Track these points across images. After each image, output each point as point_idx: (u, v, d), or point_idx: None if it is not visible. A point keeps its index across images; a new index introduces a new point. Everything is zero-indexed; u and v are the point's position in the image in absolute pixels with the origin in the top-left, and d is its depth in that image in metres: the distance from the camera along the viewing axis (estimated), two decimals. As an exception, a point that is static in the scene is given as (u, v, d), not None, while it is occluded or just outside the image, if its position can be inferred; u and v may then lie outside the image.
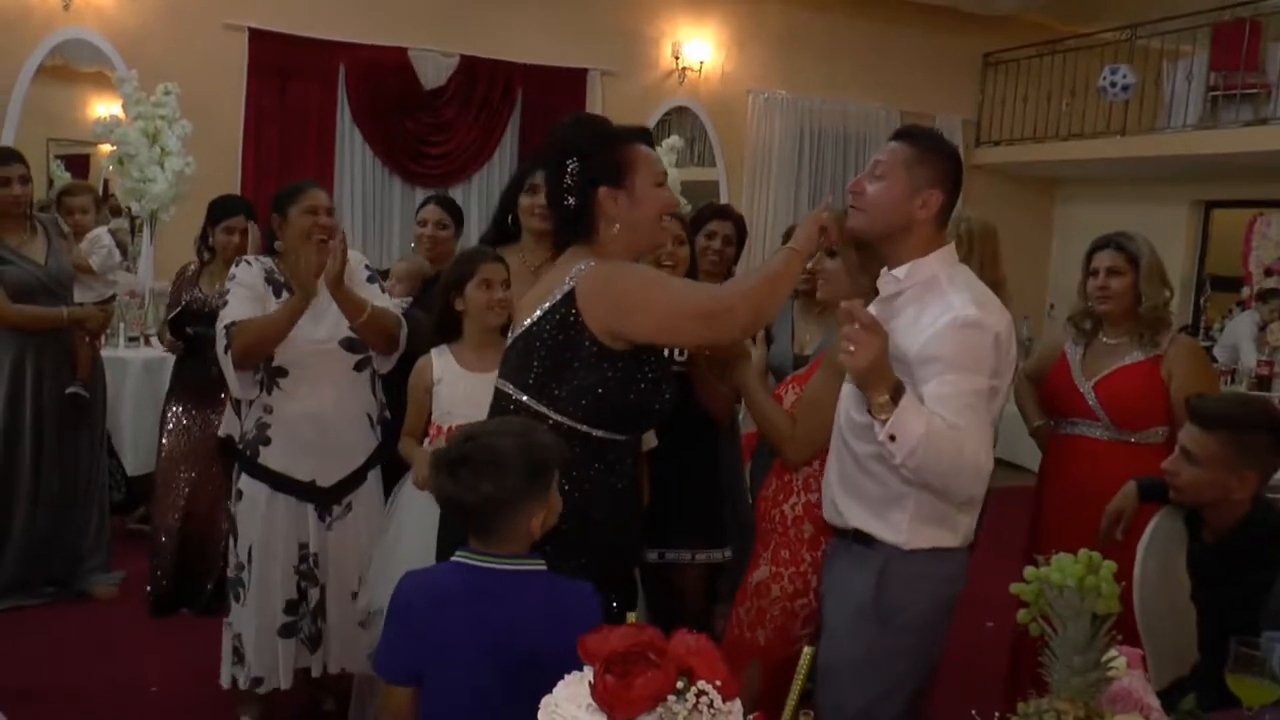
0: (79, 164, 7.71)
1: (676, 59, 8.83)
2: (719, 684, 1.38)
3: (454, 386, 3.02)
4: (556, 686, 1.47)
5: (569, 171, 2.30)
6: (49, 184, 6.91)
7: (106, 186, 7.29)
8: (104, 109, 6.90)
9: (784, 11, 9.09)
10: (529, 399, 2.28)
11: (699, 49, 8.87)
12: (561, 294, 2.26)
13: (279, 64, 7.58)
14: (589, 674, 1.42)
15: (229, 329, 3.08)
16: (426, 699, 2.01)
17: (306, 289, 3.04)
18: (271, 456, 3.18)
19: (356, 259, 3.29)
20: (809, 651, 1.52)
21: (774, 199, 9.05)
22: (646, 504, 2.81)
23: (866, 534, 2.27)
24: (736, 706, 1.40)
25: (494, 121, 8.27)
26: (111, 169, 6.65)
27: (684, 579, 3.25)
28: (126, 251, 5.40)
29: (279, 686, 3.24)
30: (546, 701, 1.45)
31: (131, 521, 5.47)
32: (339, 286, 3.07)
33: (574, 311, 2.24)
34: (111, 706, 3.70)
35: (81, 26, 7.09)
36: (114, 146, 6.36)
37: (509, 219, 3.50)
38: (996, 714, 1.71)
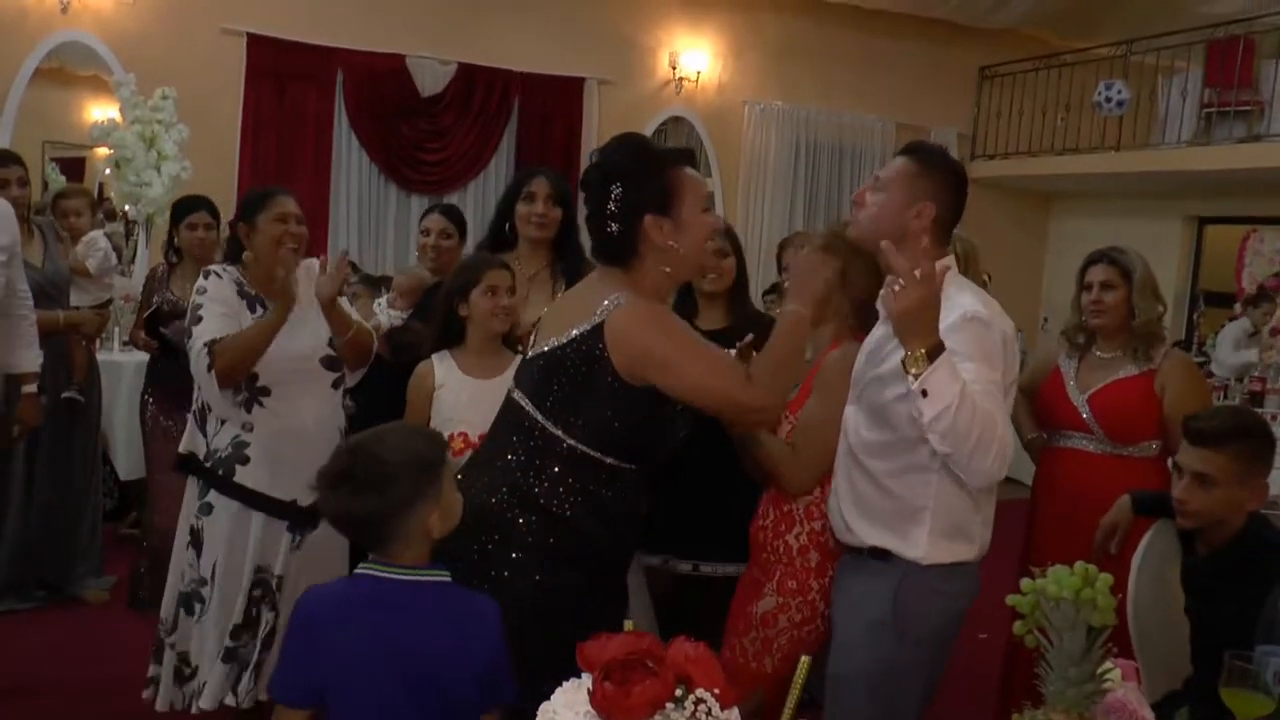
0: (75, 167, 7.70)
1: (673, 69, 8.86)
2: (717, 692, 1.38)
3: (456, 393, 3.01)
4: (554, 694, 1.47)
5: (613, 197, 2.23)
6: (44, 187, 6.90)
7: (102, 190, 7.28)
8: (101, 113, 6.88)
9: (781, 23, 9.12)
10: (544, 420, 2.25)
11: (696, 59, 8.90)
12: (590, 326, 2.20)
13: (276, 69, 7.59)
14: (587, 681, 1.42)
15: (210, 347, 2.98)
16: (332, 717, 1.93)
17: (287, 302, 2.98)
18: (249, 475, 3.08)
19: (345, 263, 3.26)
20: (805, 661, 1.52)
21: (769, 210, 9.07)
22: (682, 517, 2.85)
23: (884, 550, 2.27)
24: (734, 715, 1.40)
25: (491, 129, 8.28)
26: (108, 173, 6.65)
27: (720, 592, 3.21)
28: (122, 255, 5.41)
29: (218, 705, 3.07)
30: (545, 708, 1.45)
31: (123, 527, 5.46)
32: (333, 305, 3.06)
33: (600, 345, 2.19)
34: (102, 712, 3.68)
35: (79, 30, 7.08)
36: (110, 150, 6.37)
37: (505, 227, 3.51)
38: (991, 724, 1.71)
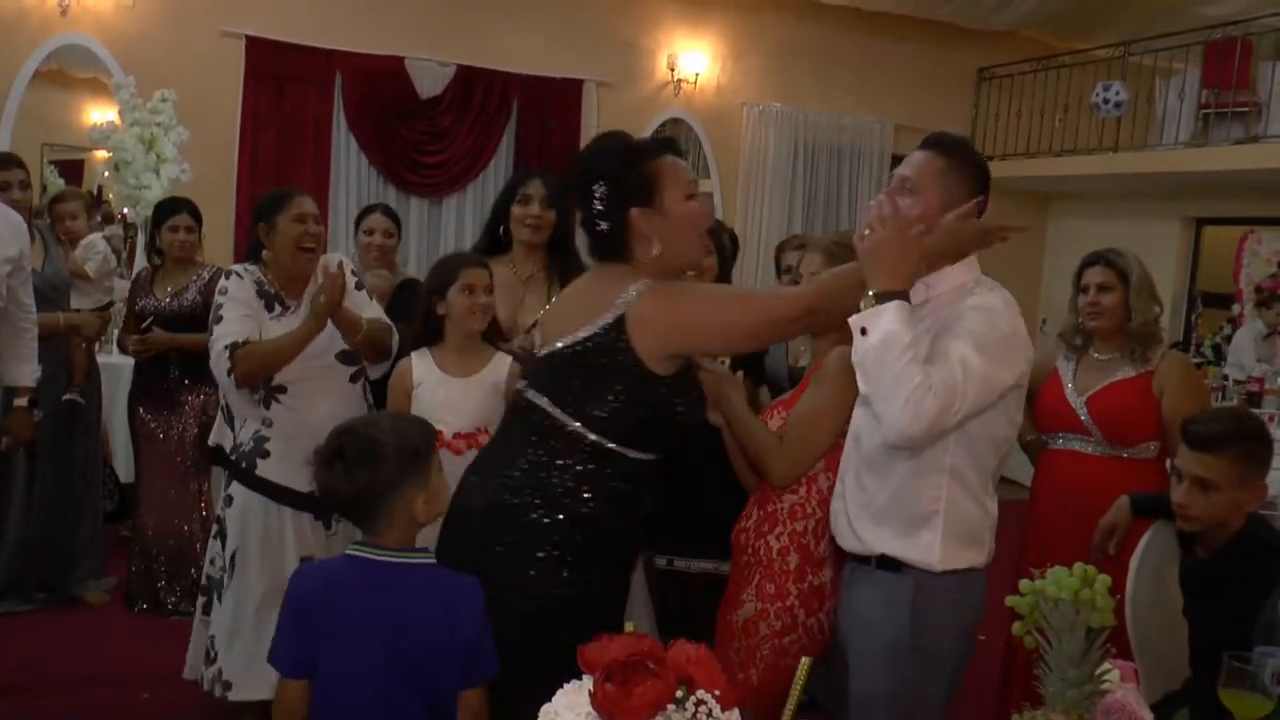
0: (73, 170, 7.71)
1: (672, 70, 8.86)
2: (718, 693, 1.39)
3: (434, 391, 3.03)
4: (555, 695, 1.47)
5: (597, 196, 2.26)
6: (43, 190, 6.91)
7: (101, 193, 7.29)
8: (100, 115, 6.90)
9: (779, 24, 9.12)
10: (565, 417, 2.24)
11: (695, 61, 8.90)
12: (611, 319, 2.21)
13: (275, 71, 7.59)
14: (588, 682, 1.42)
15: (231, 351, 3.03)
16: (318, 692, 2.03)
17: (322, 317, 3.04)
18: (270, 469, 3.17)
19: (346, 266, 3.26)
20: (806, 662, 1.52)
21: (769, 211, 9.06)
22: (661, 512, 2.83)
23: (893, 559, 2.21)
24: (735, 716, 1.41)
25: (490, 131, 8.27)
26: (107, 175, 6.65)
27: (699, 589, 3.23)
28: (121, 258, 5.41)
29: (259, 698, 3.05)
30: (546, 710, 1.45)
31: (123, 529, 5.46)
32: (339, 310, 3.09)
33: (623, 338, 2.19)
34: (103, 713, 3.69)
35: (78, 32, 7.08)
36: (110, 153, 6.37)
37: (500, 229, 3.51)
38: (990, 726, 1.72)
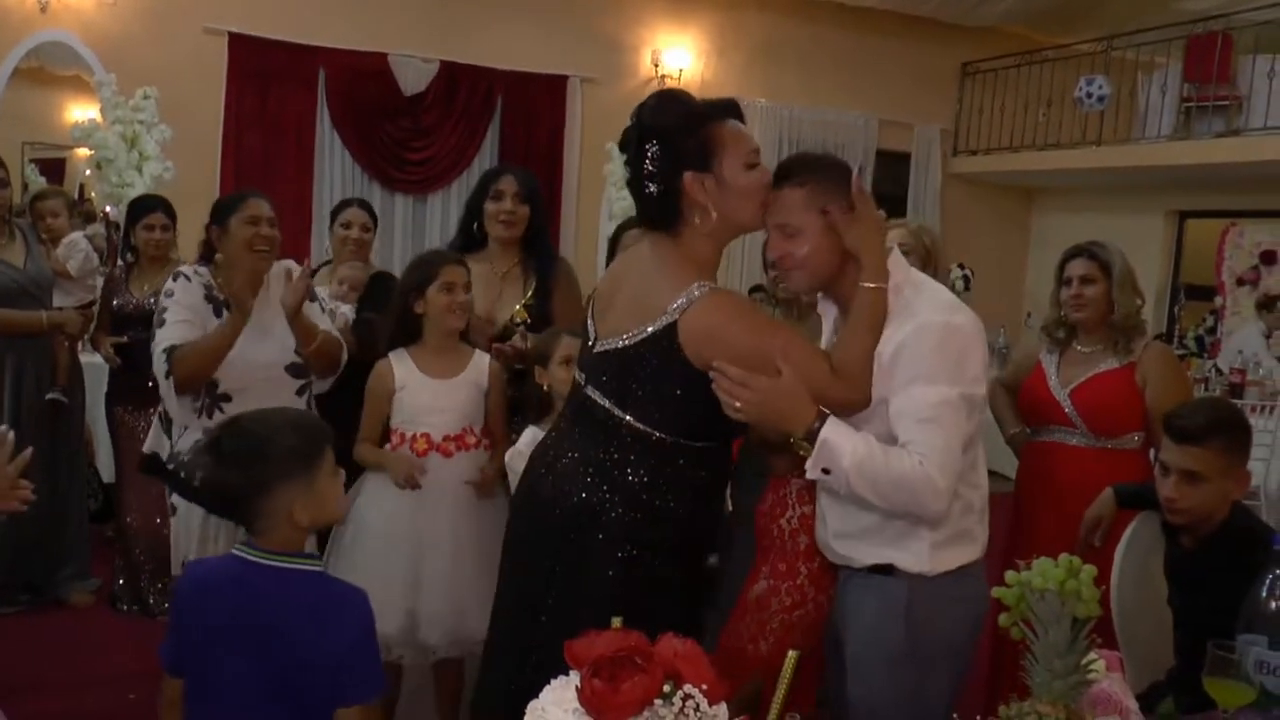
0: (55, 168, 7.65)
1: (656, 67, 8.86)
2: (705, 687, 1.39)
3: (417, 393, 3.01)
4: (543, 691, 1.48)
5: (649, 156, 2.15)
6: (24, 188, 6.86)
7: (83, 191, 7.24)
8: (81, 113, 6.85)
9: (764, 20, 9.13)
10: (630, 418, 2.20)
11: (679, 57, 8.90)
12: (663, 325, 2.14)
13: (259, 68, 7.57)
14: (575, 678, 1.42)
15: (169, 354, 2.96)
16: (189, 690, 1.97)
17: (242, 307, 2.95)
18: None
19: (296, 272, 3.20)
20: (793, 655, 1.53)
21: (754, 207, 9.06)
22: None
23: (886, 565, 2.17)
24: (722, 710, 1.41)
25: (474, 128, 8.27)
26: (89, 173, 6.61)
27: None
28: (104, 256, 5.38)
29: None
30: (534, 706, 1.45)
31: (108, 529, 5.43)
32: (297, 315, 3.04)
33: (676, 344, 2.13)
34: (90, 715, 3.67)
35: (59, 29, 7.05)
36: (92, 151, 6.33)
37: (475, 226, 3.50)
38: (978, 717, 1.72)
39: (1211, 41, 8.42)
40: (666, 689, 1.38)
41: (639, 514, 2.20)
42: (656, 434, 2.19)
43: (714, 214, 2.14)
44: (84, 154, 6.75)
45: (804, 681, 2.35)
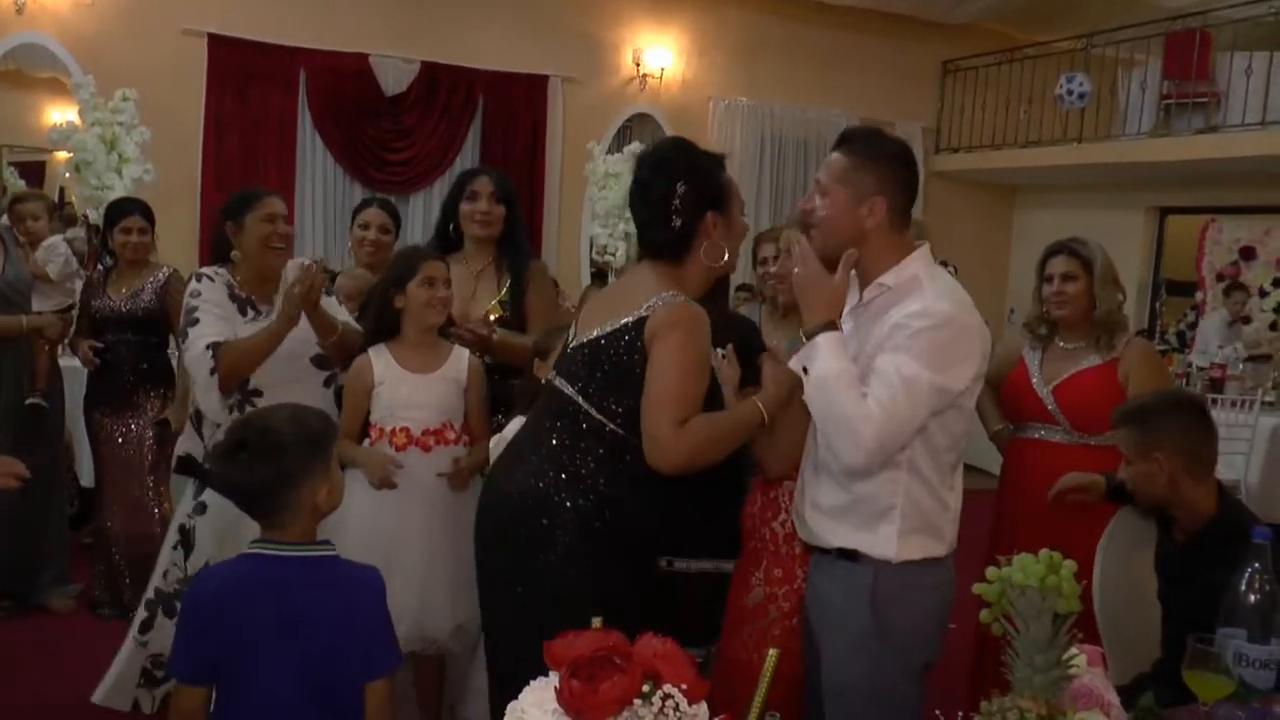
0: (34, 171, 7.61)
1: (637, 66, 8.86)
2: (685, 687, 1.39)
3: (396, 389, 3.00)
4: (523, 692, 1.47)
5: (678, 194, 2.36)
6: (3, 191, 6.81)
7: (63, 194, 7.20)
8: (60, 115, 6.81)
9: (745, 19, 9.13)
10: (587, 405, 2.34)
11: (660, 56, 8.90)
12: (634, 318, 2.31)
13: (239, 70, 7.54)
14: (555, 679, 1.42)
15: (213, 350, 2.99)
16: (222, 697, 1.99)
17: (293, 317, 3.00)
18: None
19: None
20: (774, 654, 1.53)
21: (736, 205, 9.08)
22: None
23: (850, 550, 2.22)
24: (702, 709, 1.40)
25: (455, 128, 8.25)
26: (68, 176, 6.57)
27: (695, 587, 3.19)
28: (84, 260, 5.35)
29: None
30: (513, 707, 1.44)
31: (85, 535, 5.40)
32: (315, 309, 3.07)
33: (639, 341, 2.30)
34: (70, 720, 3.64)
35: (36, 31, 7.00)
36: (70, 153, 6.29)
37: (450, 227, 3.49)
38: (960, 714, 1.72)
39: (1190, 38, 8.46)
40: (646, 689, 1.38)
41: (582, 501, 2.31)
42: (610, 426, 2.32)
43: (716, 250, 2.38)
44: (64, 157, 6.71)
45: (789, 688, 2.35)
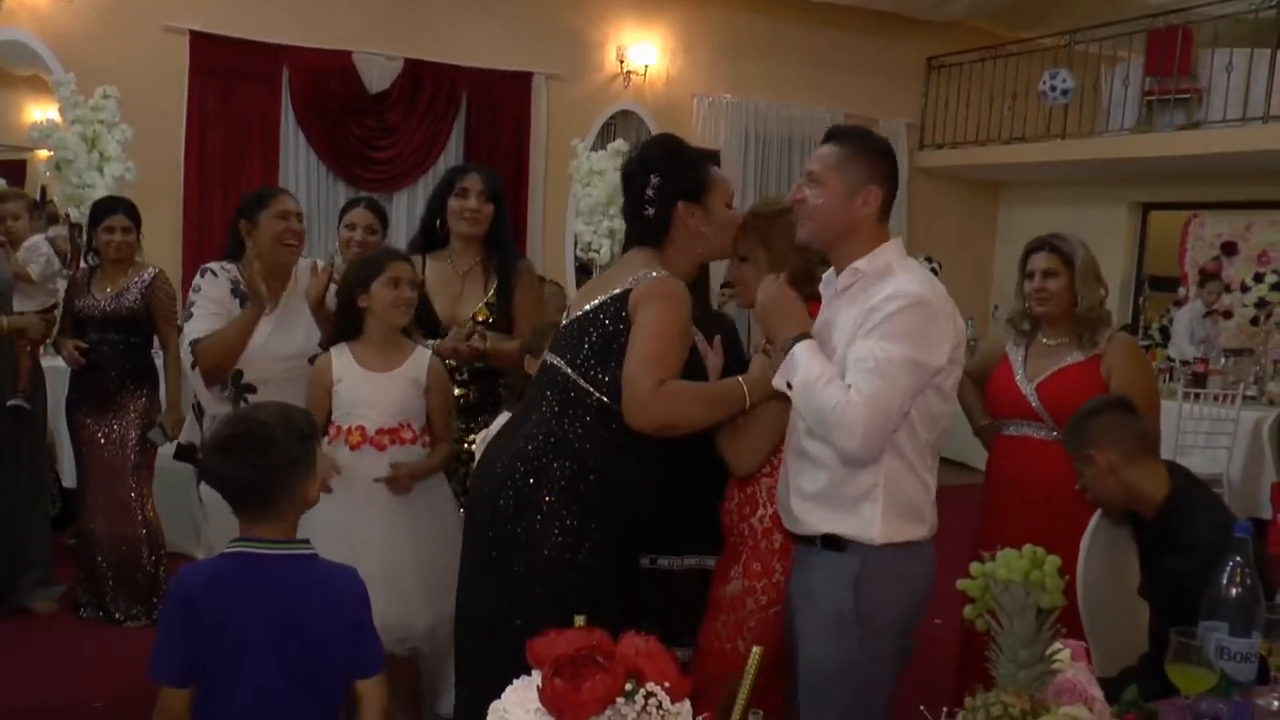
0: (14, 170, 7.56)
1: (621, 63, 8.85)
2: (667, 685, 1.38)
3: (355, 387, 2.98)
4: (505, 692, 1.46)
5: (651, 185, 2.49)
6: (-18, 191, 6.76)
7: (44, 193, 7.15)
8: (40, 113, 6.76)
9: (729, 16, 9.13)
10: (576, 375, 2.42)
11: (644, 53, 8.89)
12: (620, 290, 2.43)
13: (221, 67, 7.50)
14: (537, 678, 1.41)
15: (194, 346, 3.12)
16: (204, 697, 1.99)
17: (259, 300, 3.06)
18: None
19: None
20: (757, 651, 1.53)
21: (721, 202, 9.08)
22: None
23: (836, 537, 2.25)
24: (685, 707, 1.40)
25: (439, 125, 8.23)
26: (49, 175, 6.52)
27: (681, 585, 3.19)
28: (66, 259, 5.31)
29: None
30: (495, 706, 1.44)
31: (67, 537, 5.36)
32: (321, 306, 3.11)
33: (624, 311, 2.41)
34: (52, 722, 3.63)
35: (15, 28, 6.95)
36: (51, 152, 6.25)
37: (437, 224, 3.48)
38: (945, 709, 1.72)
39: (1172, 35, 8.51)
40: (629, 687, 1.37)
41: (568, 463, 2.38)
42: (596, 394, 2.40)
43: (696, 238, 2.50)
44: (45, 155, 6.66)
45: (766, 679, 2.35)
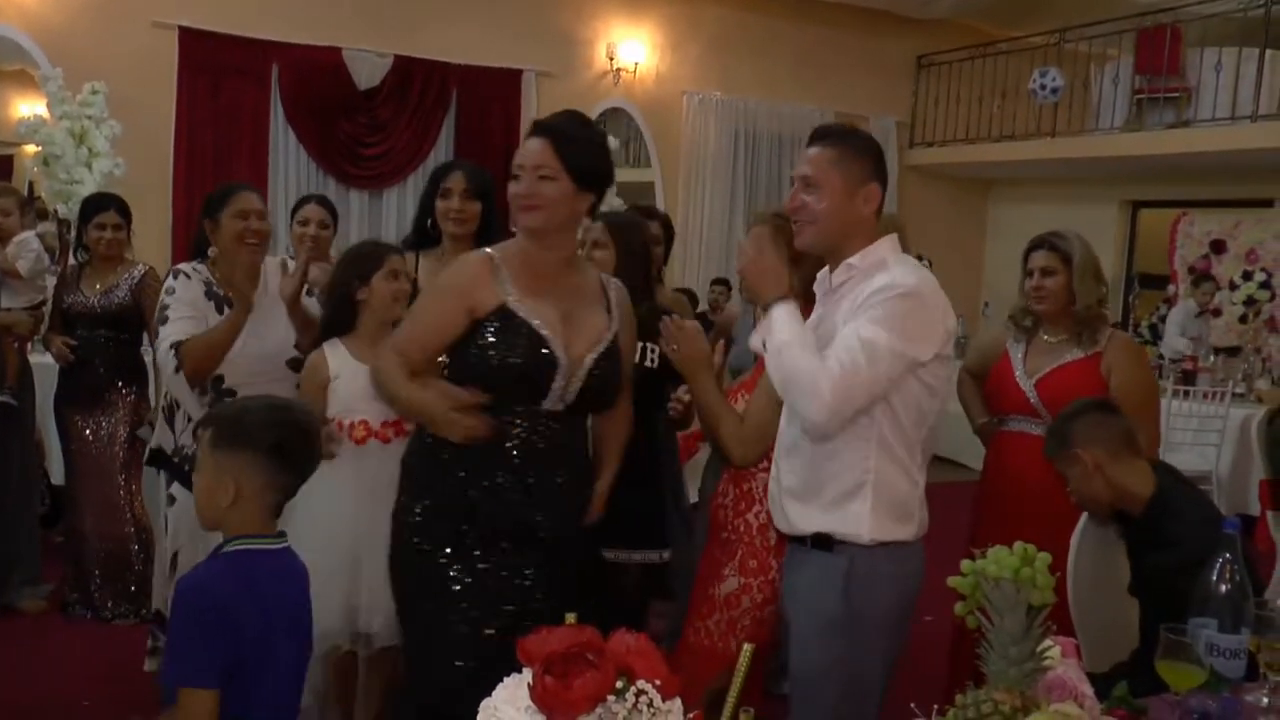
0: (2, 165, 7.55)
1: (611, 60, 8.84)
2: (658, 683, 1.38)
3: (352, 381, 2.95)
4: (495, 690, 1.46)
5: None
6: (-30, 187, 6.73)
7: (32, 188, 7.12)
8: (28, 108, 6.74)
9: (719, 13, 9.13)
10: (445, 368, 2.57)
11: (634, 50, 8.88)
12: None
13: (211, 63, 7.46)
14: (528, 676, 1.41)
15: (177, 349, 3.04)
16: (242, 695, 1.96)
17: (245, 301, 3.02)
18: None
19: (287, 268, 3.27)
20: (748, 649, 1.52)
21: (709, 200, 9.09)
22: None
23: (826, 536, 2.25)
24: (676, 705, 1.40)
25: (429, 122, 8.21)
26: (37, 170, 6.49)
27: (623, 579, 3.24)
28: (55, 255, 5.28)
29: None
30: (486, 704, 1.43)
31: (56, 535, 5.33)
32: (296, 305, 3.07)
33: None
34: (40, 720, 3.61)
35: (3, 23, 6.91)
36: (39, 147, 6.22)
37: (428, 223, 3.47)
38: (936, 707, 1.73)
39: (1161, 34, 8.54)
40: (619, 685, 1.37)
41: (418, 444, 2.52)
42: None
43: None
44: (33, 151, 6.63)
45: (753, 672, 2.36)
